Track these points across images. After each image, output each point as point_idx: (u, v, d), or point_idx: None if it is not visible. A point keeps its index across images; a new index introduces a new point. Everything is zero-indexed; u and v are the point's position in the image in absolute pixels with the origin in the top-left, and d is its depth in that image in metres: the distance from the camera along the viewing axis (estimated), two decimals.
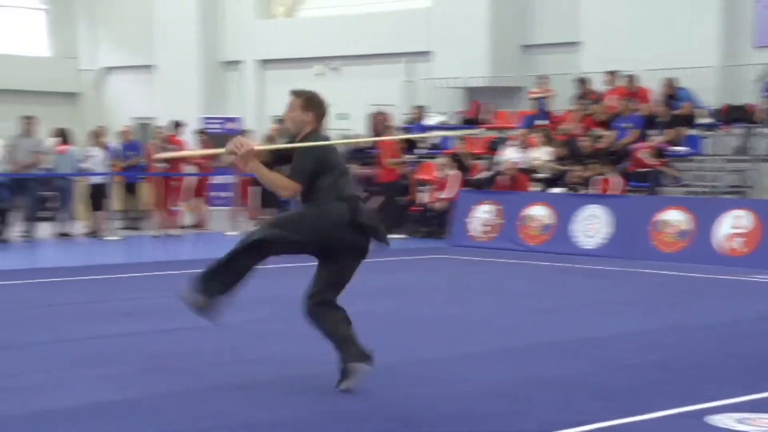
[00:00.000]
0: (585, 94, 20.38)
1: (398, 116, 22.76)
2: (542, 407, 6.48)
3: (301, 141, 6.96)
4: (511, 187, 18.09)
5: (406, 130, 22.01)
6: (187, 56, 27.75)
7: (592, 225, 16.54)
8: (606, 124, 19.11)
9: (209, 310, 6.80)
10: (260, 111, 26.86)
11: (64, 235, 18.90)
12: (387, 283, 13.04)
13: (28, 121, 18.84)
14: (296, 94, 7.25)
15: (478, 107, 22.58)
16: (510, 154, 18.83)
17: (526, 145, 19.07)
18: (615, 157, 17.92)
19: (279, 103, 29.01)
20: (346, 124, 24.38)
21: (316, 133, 7.05)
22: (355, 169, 20.37)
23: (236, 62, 27.84)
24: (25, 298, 11.49)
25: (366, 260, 7.00)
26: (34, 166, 18.38)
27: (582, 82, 20.56)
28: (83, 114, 28.29)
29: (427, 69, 23.79)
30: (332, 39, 25.69)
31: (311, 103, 7.17)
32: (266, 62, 27.46)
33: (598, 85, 20.44)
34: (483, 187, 18.52)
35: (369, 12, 25.50)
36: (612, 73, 20.16)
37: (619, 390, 6.96)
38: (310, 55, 25.96)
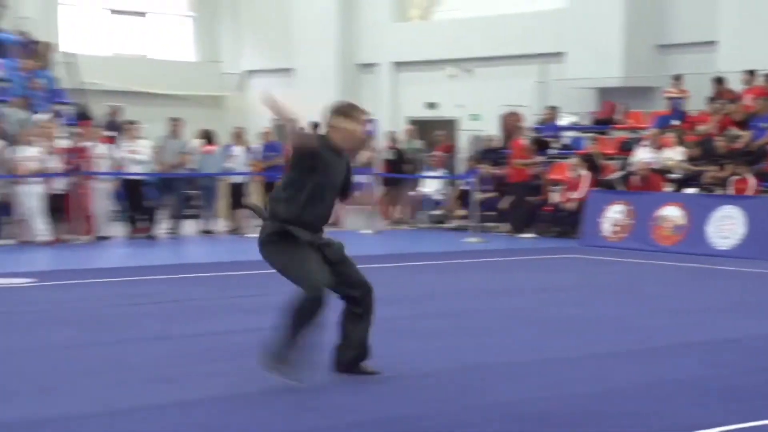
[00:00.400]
0: (721, 93, 19.85)
1: (530, 117, 22.56)
2: (677, 408, 6.30)
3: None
4: (643, 187, 17.73)
5: (538, 130, 21.81)
6: (324, 59, 27.95)
7: (727, 226, 16.10)
8: (742, 124, 18.58)
9: (296, 372, 6.62)
10: (394, 112, 26.91)
11: (207, 232, 19.25)
12: (517, 282, 12.92)
13: (175, 123, 19.25)
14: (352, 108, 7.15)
15: (611, 107, 22.20)
16: (642, 155, 18.47)
17: (658, 146, 18.69)
18: (751, 157, 17.41)
19: (413, 105, 29.29)
20: (478, 125, 24.29)
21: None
22: (487, 170, 20.28)
23: (372, 65, 27.94)
24: (170, 292, 11.70)
25: (497, 259, 6.90)
26: (180, 166, 18.75)
27: (718, 81, 20.04)
28: (226, 116, 28.73)
29: (559, 70, 23.48)
30: (465, 41, 25.56)
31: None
32: (400, 64, 27.48)
33: (735, 84, 19.89)
34: (615, 188, 18.22)
35: (502, 14, 25.28)
36: (750, 72, 19.60)
37: (754, 393, 6.72)
38: (443, 57, 25.87)
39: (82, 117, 20.98)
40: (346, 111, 6.99)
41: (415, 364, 7.60)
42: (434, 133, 23.24)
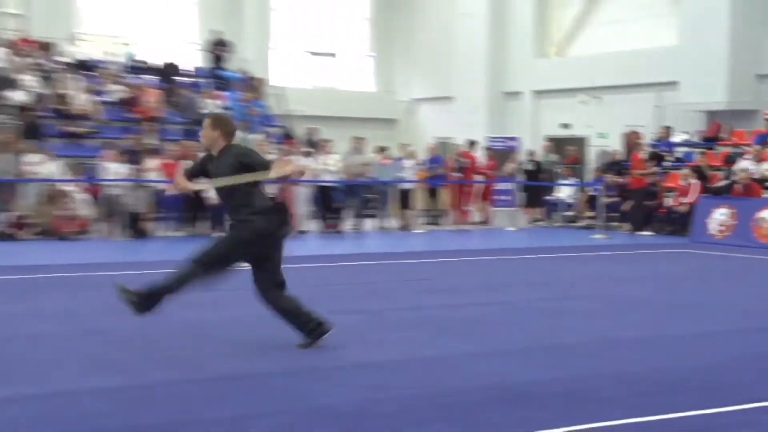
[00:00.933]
0: None
1: (648, 135, 22.01)
2: None
3: (218, 155, 6.77)
4: (745, 193, 17.07)
5: (655, 146, 21.26)
6: (477, 89, 27.88)
7: None
8: None
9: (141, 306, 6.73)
10: (534, 132, 26.60)
11: (383, 228, 19.44)
12: (638, 271, 12.63)
13: (358, 141, 19.50)
14: (208, 116, 7.12)
15: (718, 127, 21.45)
16: (744, 166, 17.78)
17: (759, 159, 17.97)
18: None
19: (550, 125, 28.91)
20: (604, 142, 23.86)
21: (229, 147, 6.82)
22: (612, 179, 19.89)
23: (516, 93, 27.70)
24: (354, 276, 11.87)
25: (620, 252, 6.81)
26: (361, 175, 18.99)
27: None
28: (398, 135, 28.94)
29: (673, 96, 22.83)
30: (594, 73, 25.10)
31: (217, 123, 6.91)
32: (540, 92, 27.16)
33: None
34: (720, 194, 17.61)
35: (625, 50, 24.72)
36: None
37: None
38: (575, 86, 25.47)
39: (288, 137, 21.47)
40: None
41: (563, 337, 7.52)
42: (567, 148, 22.91)
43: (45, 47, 21.51)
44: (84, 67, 21.76)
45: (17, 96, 19.11)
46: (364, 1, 31.36)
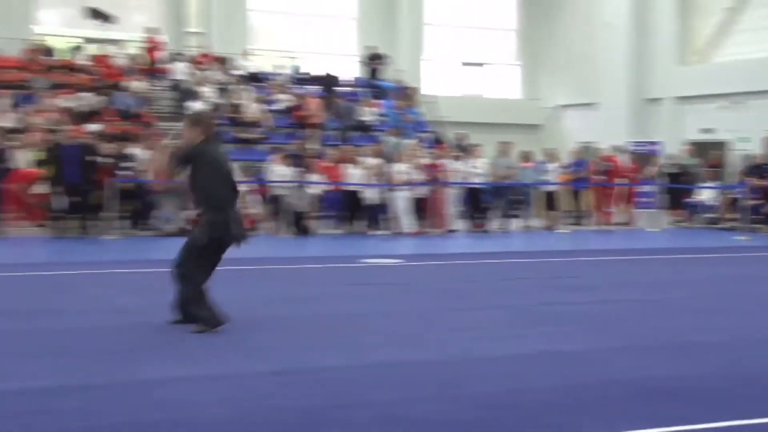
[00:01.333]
0: None
1: None
2: None
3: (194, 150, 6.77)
4: None
5: None
6: (620, 95, 27.15)
7: None
8: None
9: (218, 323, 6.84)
10: (675, 137, 25.59)
11: (527, 228, 19.22)
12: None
13: (504, 145, 19.34)
14: (187, 115, 6.98)
15: None
16: None
17: None
18: None
19: (691, 130, 27.84)
20: (747, 146, 22.81)
21: (204, 143, 6.77)
22: (754, 181, 18.98)
23: (657, 99, 26.82)
24: (500, 273, 11.78)
25: (759, 253, 6.53)
26: (507, 178, 18.83)
27: None
28: (542, 140, 28.50)
29: None
30: (737, 78, 24.03)
31: (196, 121, 6.78)
32: (681, 98, 26.19)
33: None
34: None
35: (765, 56, 23.59)
36: None
37: None
38: (717, 92, 24.46)
39: (438, 141, 21.52)
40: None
41: (705, 335, 7.26)
42: (709, 152, 22.01)
43: (222, 61, 22.35)
44: (255, 79, 22.49)
45: (197, 106, 19.94)
46: (511, 14, 31.12)
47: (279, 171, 16.95)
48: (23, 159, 15.60)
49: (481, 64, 30.87)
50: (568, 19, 30.08)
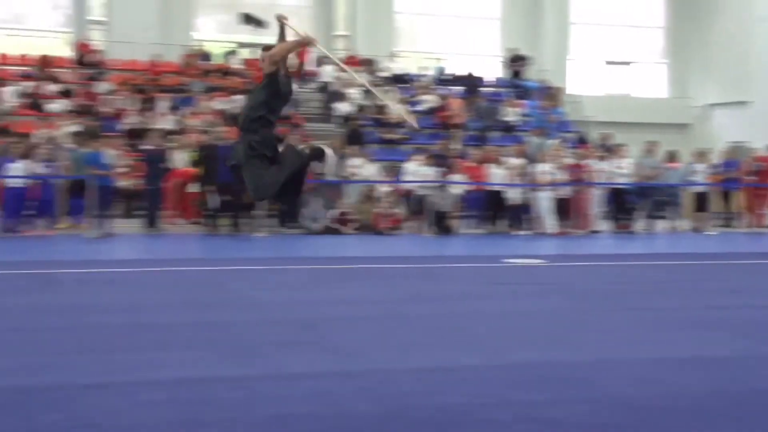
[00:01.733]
0: None
1: None
2: None
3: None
4: None
5: None
6: None
7: None
8: None
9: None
10: None
11: (673, 229, 18.59)
12: None
13: (651, 145, 18.80)
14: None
15: None
16: None
17: None
18: None
19: None
20: None
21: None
22: None
23: None
24: (645, 275, 11.42)
25: None
26: (653, 178, 18.28)
27: None
28: (691, 140, 27.47)
29: None
30: None
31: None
32: None
33: None
34: None
35: None
36: None
37: None
38: None
39: (582, 142, 21.12)
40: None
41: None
42: None
43: (368, 63, 22.69)
44: (400, 80, 22.71)
45: (343, 107, 20.33)
46: (659, 11, 30.15)
47: (420, 171, 17.05)
48: (180, 159, 16.33)
49: (627, 63, 30.05)
50: (719, 15, 28.86)
